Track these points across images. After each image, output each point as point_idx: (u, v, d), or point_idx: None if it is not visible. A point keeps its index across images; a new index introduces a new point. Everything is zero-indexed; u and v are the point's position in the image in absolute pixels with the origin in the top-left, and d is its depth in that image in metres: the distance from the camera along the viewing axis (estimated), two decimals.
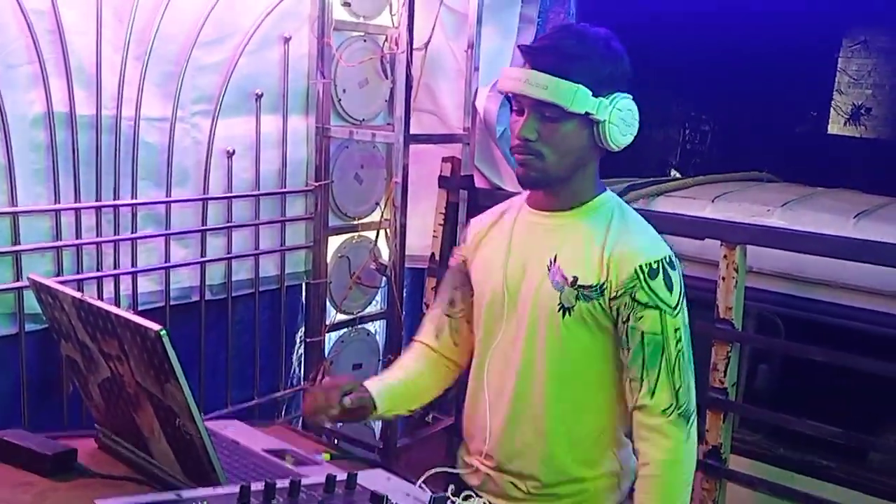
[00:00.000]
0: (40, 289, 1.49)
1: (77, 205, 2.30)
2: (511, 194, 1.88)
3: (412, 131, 2.77)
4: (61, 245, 2.29)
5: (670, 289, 1.56)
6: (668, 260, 1.58)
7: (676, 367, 1.55)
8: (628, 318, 1.56)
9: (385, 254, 3.06)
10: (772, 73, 5.27)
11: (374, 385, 1.70)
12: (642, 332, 1.55)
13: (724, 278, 2.50)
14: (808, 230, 2.52)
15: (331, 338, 3.13)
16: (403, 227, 2.81)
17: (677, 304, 1.57)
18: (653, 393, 1.55)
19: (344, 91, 2.90)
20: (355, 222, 3.10)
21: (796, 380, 2.76)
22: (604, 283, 1.57)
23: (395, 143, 2.76)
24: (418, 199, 3.01)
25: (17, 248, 2.19)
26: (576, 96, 1.52)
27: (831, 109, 5.75)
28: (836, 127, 5.75)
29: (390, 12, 2.94)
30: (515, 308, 1.66)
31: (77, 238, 2.32)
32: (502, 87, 1.60)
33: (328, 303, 3.05)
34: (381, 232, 3.07)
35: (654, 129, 6.15)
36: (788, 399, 2.71)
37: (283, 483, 1.27)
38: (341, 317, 3.12)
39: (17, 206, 2.17)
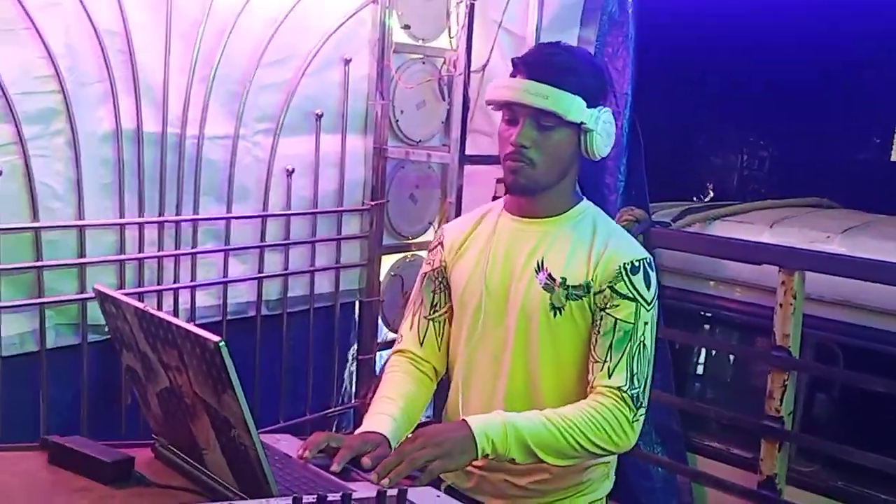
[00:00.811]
0: (105, 299, 1.52)
1: (141, 219, 2.36)
2: None
3: (467, 152, 2.78)
4: (125, 258, 2.34)
5: (648, 286, 1.64)
6: (648, 261, 1.67)
7: (637, 355, 1.62)
8: (605, 307, 1.64)
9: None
10: (833, 98, 5.16)
11: (385, 425, 1.67)
12: (616, 319, 1.62)
13: (781, 305, 2.46)
14: (868, 257, 2.46)
15: (382, 356, 3.14)
16: None
17: (652, 301, 1.65)
18: (610, 373, 1.61)
19: (402, 112, 2.93)
20: (409, 241, 3.12)
21: (855, 410, 2.69)
22: (590, 282, 1.65)
23: (450, 163, 2.77)
24: None
25: (83, 260, 2.25)
26: (573, 106, 1.60)
27: (894, 137, 5.61)
28: None
29: (449, 35, 2.96)
30: (502, 312, 1.70)
31: (140, 252, 2.37)
32: (497, 96, 1.65)
33: (380, 321, 3.07)
34: None
35: (712, 154, 6.08)
36: (846, 429, 2.64)
37: (334, 496, 1.27)
38: (393, 335, 3.13)
39: (84, 219, 2.23)
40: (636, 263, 1.65)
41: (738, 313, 2.88)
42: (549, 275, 1.66)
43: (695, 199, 3.46)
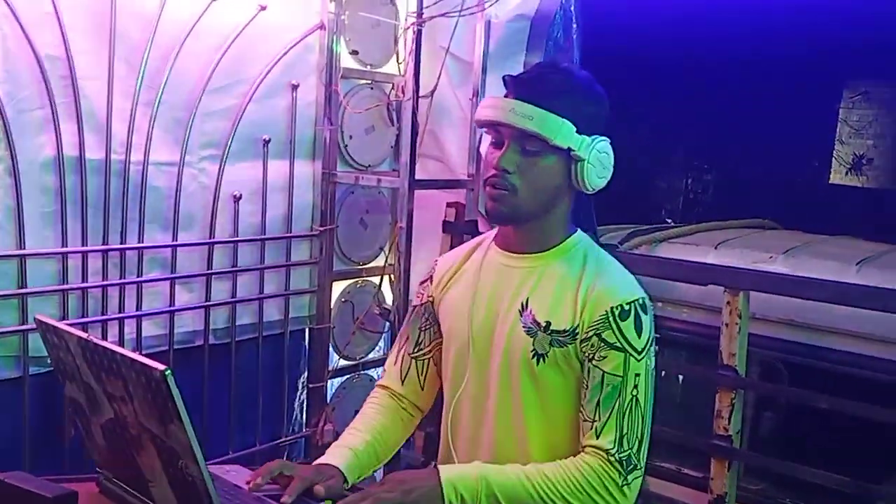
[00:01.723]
0: (47, 329, 1.49)
1: (84, 248, 2.31)
2: None
3: (417, 177, 2.79)
4: (67, 288, 2.29)
5: (639, 332, 1.51)
6: (640, 303, 1.53)
7: (628, 412, 1.49)
8: (592, 358, 1.52)
9: (389, 298, 3.06)
10: (773, 123, 5.31)
11: (340, 458, 1.62)
12: (603, 373, 1.50)
13: (727, 324, 2.50)
14: (811, 276, 2.52)
15: (333, 384, 3.12)
16: (407, 271, 2.82)
17: (643, 350, 1.51)
18: (598, 434, 1.49)
19: (350, 137, 2.93)
20: (359, 267, 3.10)
21: (801, 427, 2.74)
22: (576, 327, 1.53)
23: (400, 188, 2.78)
24: (422, 244, 3.02)
25: (24, 290, 2.20)
26: (560, 130, 1.49)
27: (833, 159, 5.78)
28: (837, 177, 5.77)
29: (397, 61, 2.98)
30: (487, 353, 1.61)
31: (83, 281, 2.33)
32: (482, 116, 1.56)
33: (331, 348, 3.05)
34: (385, 277, 3.07)
35: (657, 177, 6.19)
36: (794, 447, 2.69)
37: None
38: (344, 362, 3.11)
39: (24, 248, 2.19)
40: (626, 307, 1.51)
41: (685, 333, 2.92)
42: (534, 318, 1.55)
43: (644, 222, 3.52)
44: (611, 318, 1.51)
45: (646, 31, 4.51)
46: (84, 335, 1.39)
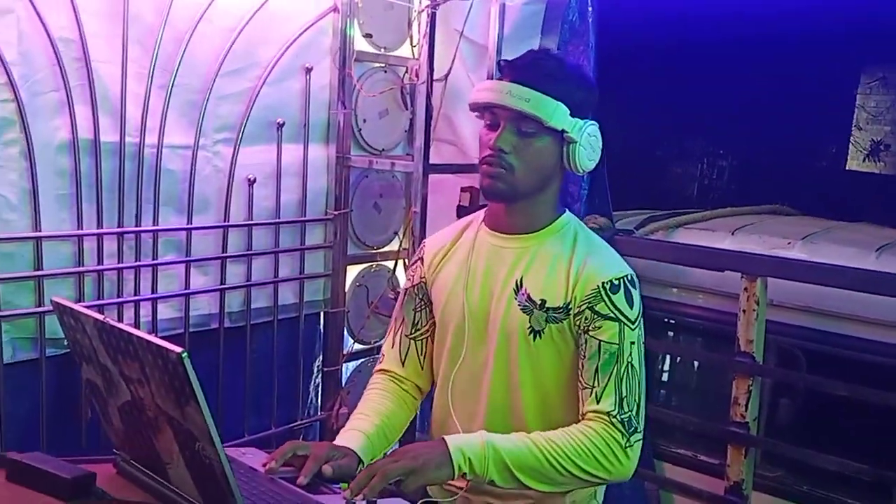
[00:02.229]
0: (63, 311, 1.49)
1: (99, 231, 2.32)
2: None
3: (431, 161, 2.78)
4: (83, 270, 2.30)
5: (630, 304, 1.60)
6: (629, 278, 1.62)
7: (626, 377, 1.57)
8: (588, 329, 1.59)
9: (403, 283, 3.05)
10: (790, 108, 5.26)
11: (355, 440, 1.65)
12: (600, 342, 1.58)
13: (744, 311, 2.49)
14: (829, 262, 2.50)
15: (348, 367, 3.12)
16: None
17: (636, 320, 1.60)
18: (598, 399, 1.56)
19: (364, 121, 2.92)
20: (374, 251, 3.10)
21: (818, 414, 2.73)
22: (570, 303, 1.60)
23: (414, 172, 2.77)
24: (436, 229, 2.99)
25: (40, 273, 2.21)
26: (555, 112, 1.56)
27: (850, 145, 5.72)
28: (854, 163, 5.72)
29: (411, 44, 2.97)
30: (483, 332, 1.67)
31: (99, 264, 2.33)
32: (479, 98, 1.62)
33: (346, 332, 3.05)
34: (400, 261, 3.07)
35: (672, 163, 6.15)
36: (811, 434, 2.67)
37: None
38: (358, 346, 3.11)
39: (40, 231, 2.19)
40: (615, 282, 1.60)
41: (701, 320, 2.91)
42: (528, 296, 1.62)
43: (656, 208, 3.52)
44: (602, 292, 1.59)
45: (662, 13, 4.47)
46: (101, 317, 1.40)
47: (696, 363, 3.15)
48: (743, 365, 2.50)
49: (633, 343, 1.59)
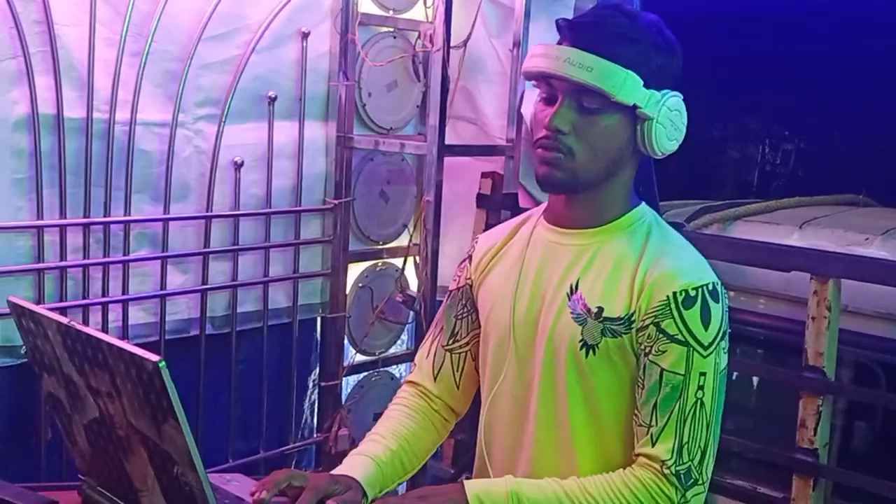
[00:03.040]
0: (21, 314, 1.50)
1: (62, 221, 2.33)
2: None
3: (447, 142, 2.78)
4: (43, 267, 2.31)
5: (706, 324, 1.48)
6: (710, 288, 1.50)
7: (690, 417, 1.47)
8: (650, 352, 1.49)
9: (413, 284, 3.06)
10: (869, 86, 5.22)
11: (361, 468, 1.61)
12: (662, 370, 1.48)
13: (813, 318, 2.47)
14: None
15: (349, 382, 3.13)
16: (435, 253, 2.81)
17: (712, 345, 1.49)
18: (654, 441, 1.48)
19: (369, 95, 2.93)
20: (380, 247, 3.11)
21: None
22: (633, 314, 1.51)
23: (427, 155, 2.77)
24: (453, 221, 3.02)
25: None
26: (625, 83, 1.47)
27: None
28: None
29: (424, 5, 2.97)
30: (531, 344, 1.60)
31: (61, 260, 2.35)
32: (532, 66, 1.54)
33: (346, 341, 3.06)
34: (410, 259, 3.08)
35: (729, 146, 6.12)
36: (890, 463, 2.66)
37: None
38: (361, 357, 3.12)
39: None
40: (691, 292, 1.48)
41: (762, 328, 2.89)
42: (584, 303, 1.54)
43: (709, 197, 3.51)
44: (672, 305, 1.48)
45: None
46: (65, 320, 1.40)
47: (756, 379, 3.14)
48: (811, 381, 2.49)
49: (703, 374, 1.48)
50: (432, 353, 1.78)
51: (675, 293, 1.48)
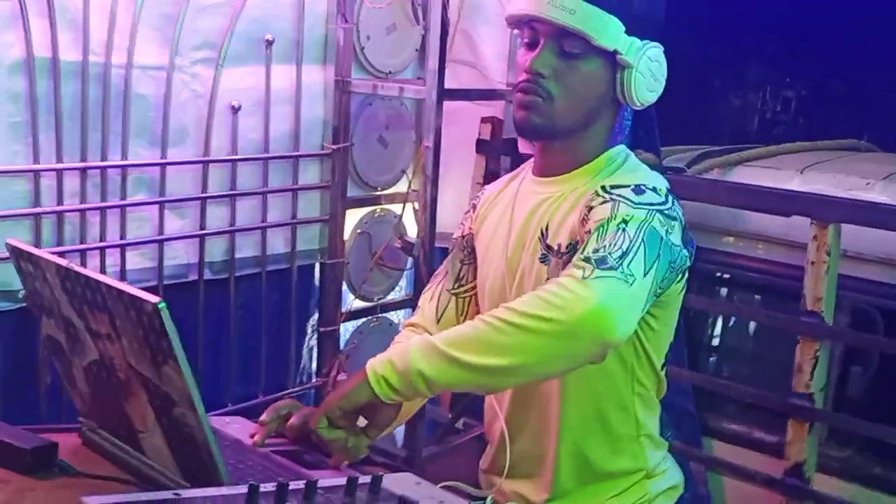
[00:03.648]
0: (20, 256, 1.50)
1: (59, 165, 2.32)
2: None
3: (447, 86, 2.76)
4: (40, 212, 2.31)
5: (639, 193, 1.47)
6: (648, 185, 1.50)
7: (613, 235, 1.40)
8: (583, 227, 1.48)
9: (412, 230, 3.05)
10: (869, 29, 5.17)
11: None
12: (590, 228, 1.44)
13: (813, 263, 2.48)
14: None
15: (347, 328, 3.14)
16: (434, 199, 2.81)
17: (640, 205, 1.45)
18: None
19: (368, 38, 2.90)
20: (378, 193, 3.10)
21: None
22: (579, 240, 1.50)
23: (426, 99, 2.75)
24: (452, 167, 3.01)
25: None
26: (606, 27, 1.49)
27: None
28: None
29: None
30: (521, 292, 1.61)
31: (58, 204, 2.34)
32: (514, 10, 1.56)
33: (345, 287, 3.06)
34: (409, 205, 3.06)
35: (729, 93, 6.08)
36: (887, 408, 2.68)
37: (297, 485, 1.27)
38: (360, 303, 3.12)
39: None
40: (622, 183, 1.50)
41: (761, 273, 2.91)
42: (546, 243, 1.58)
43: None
44: (600, 191, 1.49)
45: None
46: (64, 263, 1.40)
47: (753, 324, 3.15)
48: (809, 326, 2.50)
49: (630, 218, 1.43)
50: (436, 296, 1.81)
51: (603, 185, 1.50)
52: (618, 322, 1.34)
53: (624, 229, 1.41)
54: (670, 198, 1.53)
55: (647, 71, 1.54)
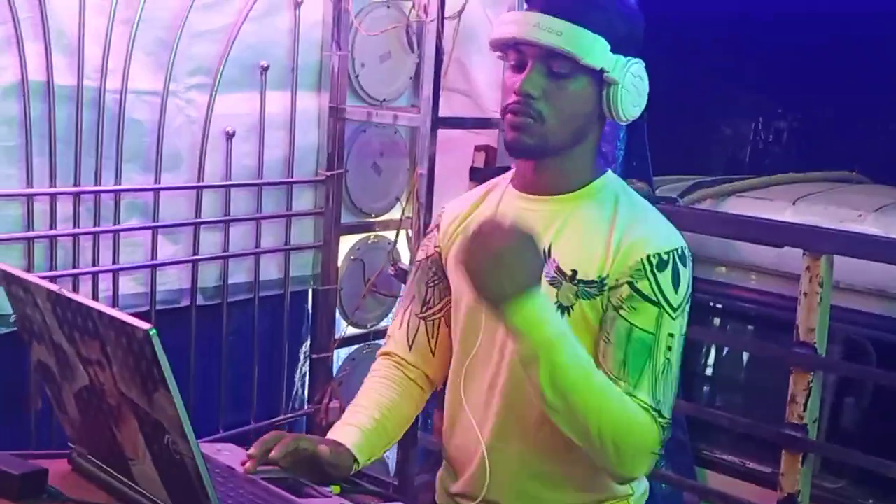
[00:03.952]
0: (11, 281, 1.49)
1: (52, 189, 2.32)
2: None
3: (441, 114, 2.77)
4: (33, 236, 2.30)
5: (676, 286, 1.54)
6: (679, 252, 1.56)
7: (662, 377, 1.52)
8: (620, 307, 1.54)
9: (405, 257, 3.05)
10: (860, 62, 5.21)
11: (348, 436, 1.64)
12: (632, 326, 1.52)
13: (805, 294, 2.47)
14: None
15: (340, 355, 3.13)
16: (427, 226, 2.80)
17: (680, 307, 1.55)
18: (634, 387, 1.51)
19: (363, 66, 2.91)
20: (372, 220, 3.10)
21: (889, 416, 2.72)
22: (605, 277, 1.55)
23: (420, 127, 2.76)
24: (446, 194, 2.99)
25: None
26: (593, 47, 1.51)
27: None
28: None
29: None
30: None
31: (51, 228, 2.33)
32: (501, 34, 1.57)
33: (338, 313, 3.06)
34: (402, 232, 3.07)
35: (721, 123, 6.12)
36: (880, 439, 2.67)
37: None
38: (353, 330, 3.12)
39: None
40: (664, 256, 1.54)
41: (754, 304, 2.91)
42: (557, 266, 1.58)
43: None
44: (647, 267, 1.53)
45: None
46: (55, 288, 1.39)
47: (746, 355, 3.15)
48: (802, 357, 2.49)
49: (671, 335, 1.53)
50: (405, 322, 1.81)
51: (649, 255, 1.53)
52: (650, 467, 1.53)
53: (670, 364, 1.53)
54: (688, 260, 1.59)
55: (632, 86, 1.57)
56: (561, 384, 1.45)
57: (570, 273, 1.57)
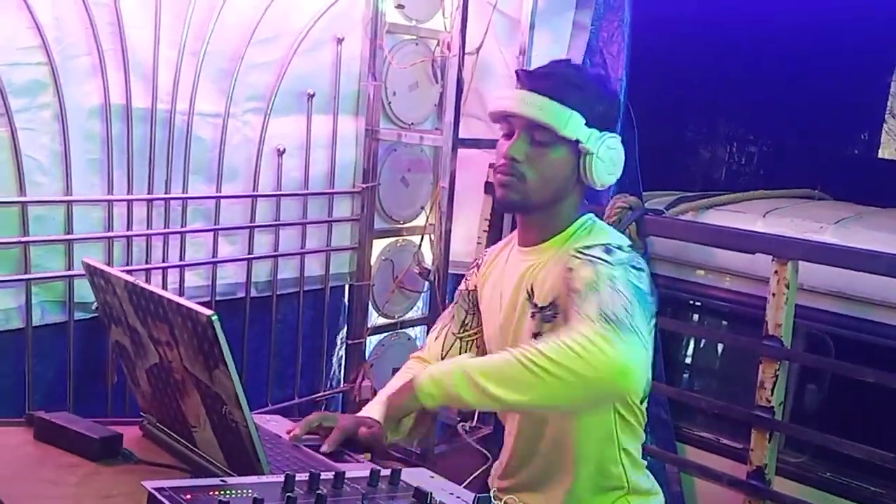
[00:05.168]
0: (94, 273, 1.50)
1: (129, 196, 2.33)
2: None
3: (460, 136, 2.76)
4: (112, 235, 2.31)
5: (609, 252, 1.48)
6: (607, 243, 1.52)
7: (611, 301, 1.37)
8: (565, 285, 1.48)
9: (429, 258, 3.05)
10: (821, 94, 5.18)
11: (381, 413, 1.62)
12: (574, 284, 1.43)
13: (774, 294, 2.46)
14: (861, 247, 2.46)
15: (371, 341, 3.12)
16: (448, 232, 2.80)
17: (616, 263, 1.45)
18: (582, 316, 1.37)
19: (394, 94, 2.90)
20: (400, 226, 3.09)
21: (845, 401, 2.70)
22: (557, 296, 1.55)
23: (443, 147, 2.75)
24: (463, 205, 3.00)
25: (70, 236, 2.21)
26: (570, 121, 1.53)
27: (883, 133, 5.63)
28: (887, 151, 5.62)
29: (443, 16, 2.93)
30: (516, 339, 1.65)
31: (128, 229, 2.34)
32: (496, 107, 1.61)
33: (370, 305, 3.05)
34: (426, 237, 3.06)
35: (700, 146, 6.08)
36: (837, 420, 2.64)
37: (327, 475, 1.25)
38: (383, 320, 3.11)
39: (71, 195, 2.20)
40: (589, 244, 1.52)
41: (728, 303, 2.88)
42: (534, 302, 1.61)
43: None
44: (576, 255, 1.50)
45: None
46: (131, 279, 1.40)
47: (721, 346, 3.12)
48: (770, 349, 2.47)
49: (614, 277, 1.42)
50: (442, 336, 1.83)
51: (577, 248, 1.52)
52: (639, 380, 1.35)
53: (614, 287, 1.41)
54: (633, 252, 1.56)
55: (607, 157, 1.57)
56: (502, 383, 1.38)
57: (541, 305, 1.59)
